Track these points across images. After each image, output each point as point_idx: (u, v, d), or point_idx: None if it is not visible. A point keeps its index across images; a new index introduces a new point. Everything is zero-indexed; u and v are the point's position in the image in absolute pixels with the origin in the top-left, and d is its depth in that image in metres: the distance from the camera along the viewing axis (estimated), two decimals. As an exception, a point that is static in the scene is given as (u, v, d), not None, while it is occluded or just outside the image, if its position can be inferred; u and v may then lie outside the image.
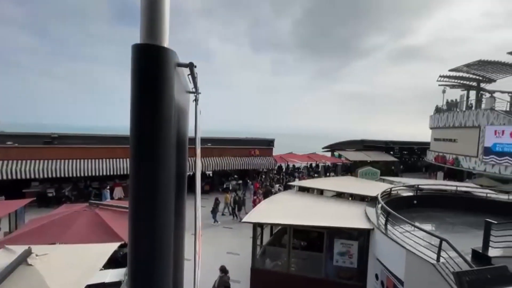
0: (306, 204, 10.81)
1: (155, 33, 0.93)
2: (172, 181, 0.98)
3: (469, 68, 22.39)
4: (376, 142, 32.49)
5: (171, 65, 0.95)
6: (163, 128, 0.93)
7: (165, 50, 0.94)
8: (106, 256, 3.99)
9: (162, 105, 0.92)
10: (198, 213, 1.17)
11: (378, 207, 8.59)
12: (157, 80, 0.92)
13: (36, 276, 3.47)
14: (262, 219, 9.05)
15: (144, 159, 0.91)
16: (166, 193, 0.94)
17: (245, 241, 11.40)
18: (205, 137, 22.86)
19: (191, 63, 1.07)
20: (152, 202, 0.91)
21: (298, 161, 26.45)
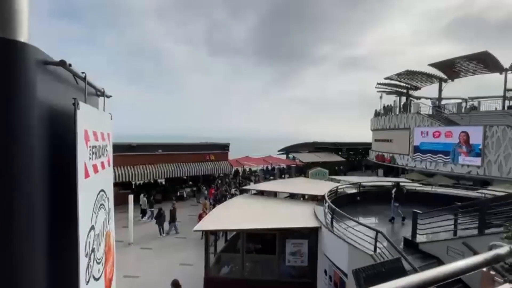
0: (260, 207, 10.92)
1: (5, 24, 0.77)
2: (39, 209, 0.82)
3: (399, 77, 25.45)
4: (326, 144, 34.66)
5: (27, 63, 0.80)
6: (14, 137, 0.77)
7: (19, 45, 0.79)
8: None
9: (10, 110, 0.77)
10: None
11: (325, 206, 9.09)
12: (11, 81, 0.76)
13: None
14: (214, 226, 8.84)
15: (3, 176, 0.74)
16: (24, 223, 0.78)
17: (200, 250, 11.00)
18: (155, 142, 21.61)
19: (62, 60, 0.93)
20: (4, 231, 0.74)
21: (254, 164, 26.74)
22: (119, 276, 8.57)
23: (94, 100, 1.55)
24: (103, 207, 1.43)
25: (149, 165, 19.13)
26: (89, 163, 1.16)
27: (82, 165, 1.04)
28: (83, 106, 1.06)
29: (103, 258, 1.40)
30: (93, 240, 1.20)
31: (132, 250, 11.92)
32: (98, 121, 1.37)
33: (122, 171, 17.90)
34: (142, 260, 10.96)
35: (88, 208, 1.14)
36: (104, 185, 1.46)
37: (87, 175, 1.11)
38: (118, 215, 12.43)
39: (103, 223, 1.42)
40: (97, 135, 1.31)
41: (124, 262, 10.68)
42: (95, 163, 1.26)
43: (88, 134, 1.14)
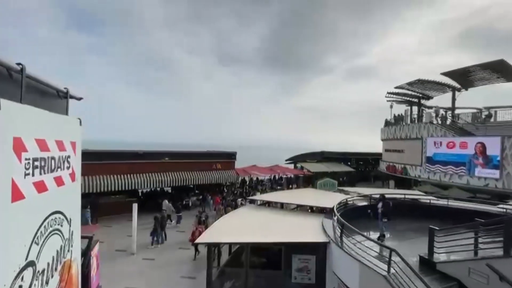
0: (266, 219, 10.52)
1: None
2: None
3: (410, 86, 24.88)
4: (335, 154, 34.00)
5: None
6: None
7: None
8: None
9: None
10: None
11: (334, 219, 8.63)
12: None
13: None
14: (217, 238, 8.49)
15: None
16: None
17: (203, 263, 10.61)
18: (162, 150, 21.57)
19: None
20: None
21: (261, 174, 26.34)
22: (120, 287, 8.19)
23: (58, 103, 1.31)
24: (58, 233, 1.16)
25: (155, 173, 19.02)
26: (26, 180, 0.89)
27: (6, 184, 0.78)
28: (13, 106, 0.80)
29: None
30: (30, 280, 0.92)
31: (133, 261, 11.63)
32: (53, 127, 1.11)
33: (129, 179, 17.82)
34: (143, 271, 10.63)
35: (21, 240, 0.87)
36: (62, 206, 1.20)
37: (18, 197, 0.84)
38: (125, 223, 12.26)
39: (56, 253, 1.15)
40: (47, 144, 1.05)
41: (125, 272, 10.39)
42: (41, 180, 1.00)
43: (23, 143, 0.88)
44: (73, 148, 1.34)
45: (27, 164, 0.90)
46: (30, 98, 1.01)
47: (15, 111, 0.81)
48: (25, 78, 0.92)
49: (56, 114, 1.18)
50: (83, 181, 15.98)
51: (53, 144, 1.11)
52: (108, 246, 12.44)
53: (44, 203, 1.04)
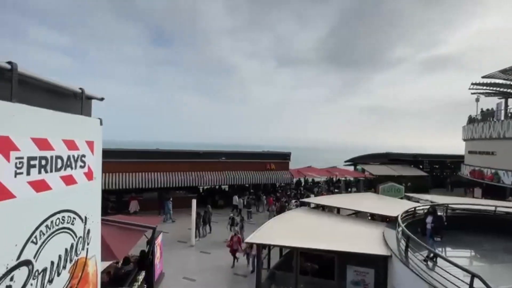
0: (320, 224, 9.96)
1: None
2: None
3: (505, 73, 20.40)
4: (403, 156, 30.37)
5: None
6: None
7: None
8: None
9: None
10: None
11: (398, 230, 7.58)
12: None
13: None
14: (266, 240, 8.38)
15: None
16: None
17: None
18: (219, 150, 22.74)
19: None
20: None
21: (317, 175, 25.32)
22: (178, 278, 8.86)
23: (74, 103, 1.35)
24: (68, 231, 1.18)
25: (213, 172, 20.14)
26: (17, 179, 0.89)
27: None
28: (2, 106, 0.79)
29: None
30: (27, 278, 0.92)
31: (192, 253, 12.47)
32: (55, 126, 1.12)
33: (190, 176, 19.30)
34: (200, 264, 11.28)
35: (8, 239, 0.86)
36: (73, 204, 1.21)
37: (5, 196, 0.83)
38: (185, 217, 13.22)
39: (65, 251, 1.16)
40: (49, 143, 1.06)
41: (184, 263, 11.22)
42: (39, 179, 1.00)
43: (11, 141, 0.87)
44: (89, 147, 1.36)
45: (18, 163, 0.89)
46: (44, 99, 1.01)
47: (2, 110, 0.79)
48: (20, 76, 0.92)
49: (67, 113, 1.19)
50: (150, 177, 18.00)
51: (59, 143, 1.12)
52: (172, 237, 13.69)
53: (46, 202, 1.03)
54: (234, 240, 10.79)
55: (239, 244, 10.82)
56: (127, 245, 7.78)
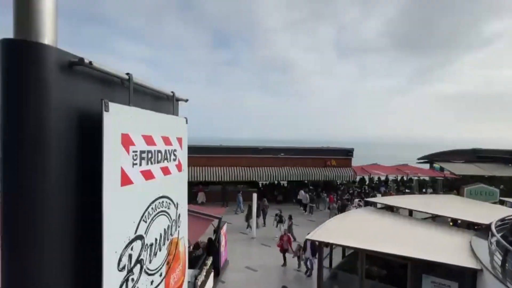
0: (388, 226, 9.14)
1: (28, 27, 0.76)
2: (64, 219, 0.78)
3: None
4: (495, 152, 25.29)
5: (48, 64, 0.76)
6: (38, 137, 0.75)
7: (43, 47, 0.76)
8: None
9: (34, 109, 0.74)
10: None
11: (491, 241, 6.39)
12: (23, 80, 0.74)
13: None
14: (328, 238, 8.11)
15: (10, 181, 0.74)
16: (47, 233, 0.75)
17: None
18: (278, 147, 22.91)
19: (81, 58, 0.86)
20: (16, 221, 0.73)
21: (384, 173, 23.20)
22: (241, 266, 9.41)
23: (167, 104, 1.56)
24: (165, 214, 1.39)
25: (272, 167, 20.46)
26: (134, 169, 1.09)
27: (116, 171, 0.97)
28: (120, 108, 0.99)
29: (163, 269, 1.35)
30: (140, 251, 1.13)
31: (253, 244, 13.00)
32: (158, 125, 1.32)
33: (249, 171, 20.04)
34: (262, 255, 11.66)
35: (128, 217, 1.07)
36: (169, 192, 1.42)
37: (126, 182, 1.04)
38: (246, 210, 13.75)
39: (164, 231, 1.37)
40: (154, 140, 1.26)
41: (246, 254, 11.79)
42: (147, 169, 1.21)
43: (130, 138, 1.07)
44: (179, 143, 1.56)
45: (134, 155, 1.10)
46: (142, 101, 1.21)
47: (123, 112, 0.99)
48: (135, 85, 1.12)
49: (163, 114, 1.40)
50: (214, 171, 19.33)
51: (159, 139, 1.32)
52: (234, 228, 14.53)
53: (151, 189, 1.24)
54: (284, 240, 10.69)
55: (289, 244, 10.69)
56: (198, 232, 8.62)
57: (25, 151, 0.74)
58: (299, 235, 13.11)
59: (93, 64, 0.87)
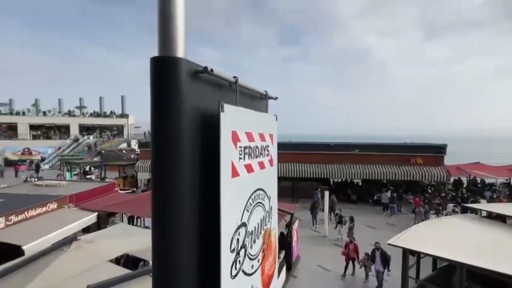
0: (498, 239, 7.49)
1: (168, 45, 0.93)
2: (189, 207, 0.96)
3: None
4: None
5: (180, 74, 0.92)
6: (174, 136, 0.92)
7: (177, 60, 0.93)
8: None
9: (172, 113, 0.92)
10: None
11: None
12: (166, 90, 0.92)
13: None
14: (417, 246, 7.18)
15: (159, 170, 0.93)
16: (176, 220, 0.93)
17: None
18: (352, 142, 21.45)
19: (205, 67, 0.99)
20: (164, 215, 0.91)
21: (489, 174, 19.02)
22: (313, 264, 9.26)
23: (260, 102, 1.66)
24: (261, 205, 1.49)
25: (345, 164, 19.34)
26: (240, 163, 1.21)
27: (228, 165, 1.10)
28: (231, 108, 1.11)
29: (260, 255, 1.46)
30: (244, 236, 1.26)
31: (326, 243, 12.63)
32: (256, 122, 1.43)
33: (320, 168, 19.44)
34: (333, 255, 11.22)
35: (236, 205, 1.20)
36: (263, 184, 1.52)
37: (235, 174, 1.16)
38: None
39: (260, 220, 1.47)
40: (253, 136, 1.36)
41: (318, 252, 11.56)
42: (249, 163, 1.32)
43: (237, 135, 1.19)
44: (271, 139, 1.65)
45: (239, 150, 1.22)
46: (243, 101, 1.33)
47: (232, 112, 1.11)
48: (238, 86, 1.23)
49: (259, 112, 1.50)
50: (285, 167, 19.46)
51: (258, 136, 1.43)
52: (305, 225, 14.41)
53: (252, 181, 1.35)
54: (350, 248, 9.66)
55: (356, 254, 9.61)
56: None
57: (168, 147, 0.92)
58: (374, 238, 12.02)
59: (213, 71, 1.00)
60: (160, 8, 0.93)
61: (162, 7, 0.93)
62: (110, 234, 7.41)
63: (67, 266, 5.22)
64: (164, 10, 0.93)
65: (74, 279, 4.83)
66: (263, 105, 1.66)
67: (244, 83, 1.29)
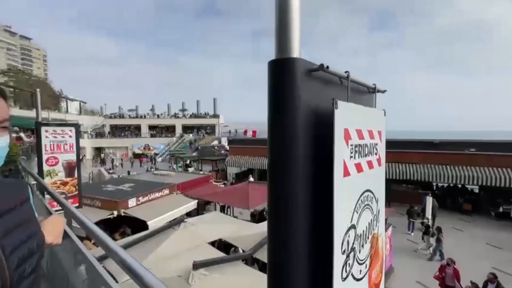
0: None
1: (284, 48, 0.98)
2: (302, 206, 0.98)
3: None
4: None
5: (296, 74, 0.94)
6: (290, 134, 0.96)
7: (294, 61, 0.96)
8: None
9: (287, 111, 0.95)
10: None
11: None
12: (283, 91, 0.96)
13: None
14: None
15: (276, 170, 0.99)
16: (290, 218, 0.96)
17: None
18: (464, 140, 17.46)
19: (321, 65, 0.97)
20: (283, 213, 0.96)
21: None
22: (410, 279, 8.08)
23: (367, 97, 1.54)
24: (369, 208, 1.38)
25: (454, 166, 16.02)
26: (350, 161, 1.16)
27: (340, 164, 1.06)
28: (344, 105, 1.07)
29: (367, 261, 1.36)
30: (353, 239, 1.20)
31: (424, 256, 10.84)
32: (365, 118, 1.33)
33: (421, 170, 16.73)
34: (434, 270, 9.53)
35: (347, 206, 1.15)
36: (371, 186, 1.40)
37: (346, 174, 1.12)
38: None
39: (368, 224, 1.37)
40: (362, 133, 1.28)
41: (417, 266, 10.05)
42: (359, 162, 1.24)
43: (349, 132, 1.14)
44: (379, 137, 1.51)
45: (350, 149, 1.16)
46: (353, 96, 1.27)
47: (344, 109, 1.07)
48: (350, 82, 1.18)
49: (367, 107, 1.39)
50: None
51: (367, 133, 1.33)
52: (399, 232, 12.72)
53: (361, 182, 1.28)
54: (448, 273, 7.40)
55: (456, 280, 7.31)
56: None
57: (285, 146, 0.96)
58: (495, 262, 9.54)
59: (328, 68, 0.99)
60: (278, 12, 0.97)
61: (279, 11, 0.97)
62: (208, 219, 8.46)
63: (177, 243, 6.26)
64: (281, 14, 0.97)
65: (183, 254, 5.74)
66: (371, 100, 1.54)
67: (354, 77, 1.22)
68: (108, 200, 9.47)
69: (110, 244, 1.21)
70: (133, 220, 9.14)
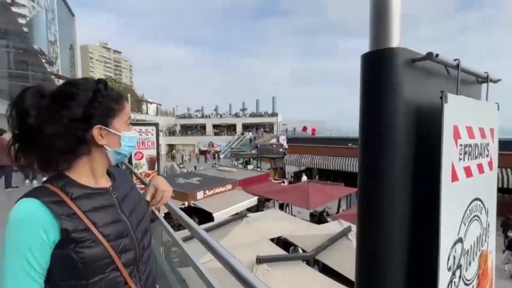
0: None
1: (381, 38, 0.89)
2: (401, 211, 0.87)
3: None
4: None
5: (396, 64, 0.85)
6: (387, 132, 0.87)
7: (394, 51, 0.87)
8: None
9: (385, 108, 0.86)
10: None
11: None
12: (380, 84, 0.88)
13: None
14: None
15: (371, 177, 0.90)
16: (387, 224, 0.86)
17: None
18: None
19: (429, 53, 0.84)
20: (377, 213, 0.88)
21: None
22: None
23: (474, 89, 1.29)
24: (478, 219, 1.16)
25: None
26: (459, 164, 0.98)
27: (448, 166, 0.92)
28: (454, 98, 0.92)
29: (474, 281, 1.14)
30: (459, 255, 1.02)
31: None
32: (476, 114, 1.11)
33: None
34: None
35: (454, 216, 0.99)
36: (481, 194, 1.17)
37: (454, 178, 0.96)
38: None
39: (476, 238, 1.15)
40: (473, 131, 1.07)
41: None
42: (468, 165, 1.04)
43: (458, 130, 0.97)
44: (491, 135, 1.25)
45: (460, 149, 0.99)
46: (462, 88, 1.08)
47: (455, 103, 0.92)
48: (460, 72, 1.01)
49: (478, 101, 1.17)
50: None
51: (478, 131, 1.12)
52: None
53: (470, 188, 1.08)
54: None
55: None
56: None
57: (381, 144, 0.87)
58: None
59: (438, 57, 0.86)
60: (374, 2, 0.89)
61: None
62: (268, 216, 8.60)
63: (240, 236, 6.54)
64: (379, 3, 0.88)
65: (245, 248, 5.98)
66: (478, 91, 1.29)
67: (465, 66, 1.03)
68: (180, 192, 10.53)
69: (197, 229, 1.33)
70: (199, 211, 9.96)
